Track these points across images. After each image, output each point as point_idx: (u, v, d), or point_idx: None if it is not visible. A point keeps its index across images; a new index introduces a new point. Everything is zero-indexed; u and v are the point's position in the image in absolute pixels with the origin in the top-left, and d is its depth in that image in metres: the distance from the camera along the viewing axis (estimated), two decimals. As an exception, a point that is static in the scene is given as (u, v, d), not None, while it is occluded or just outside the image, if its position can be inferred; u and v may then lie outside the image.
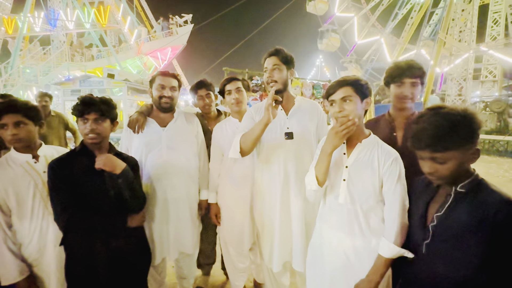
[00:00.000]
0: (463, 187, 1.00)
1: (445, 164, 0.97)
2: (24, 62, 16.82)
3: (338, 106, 1.28)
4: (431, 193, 1.10)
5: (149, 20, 21.85)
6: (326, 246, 1.38)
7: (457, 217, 0.98)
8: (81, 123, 1.44)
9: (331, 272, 1.35)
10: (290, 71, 1.77)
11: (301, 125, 1.77)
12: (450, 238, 0.98)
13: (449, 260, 0.98)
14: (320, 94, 4.23)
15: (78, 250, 1.43)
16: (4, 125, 1.41)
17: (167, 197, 1.86)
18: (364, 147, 1.32)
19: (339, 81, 1.32)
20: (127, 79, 6.86)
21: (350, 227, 1.30)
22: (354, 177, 1.30)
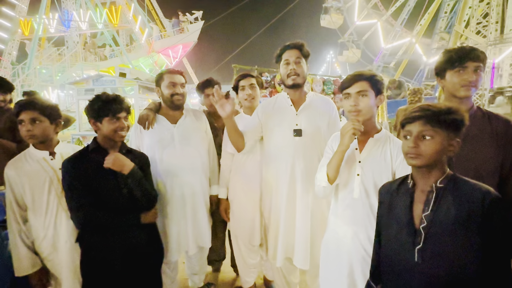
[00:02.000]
0: (441, 183, 0.98)
1: (429, 140, 0.97)
2: (41, 63, 17.33)
3: (353, 100, 1.30)
4: (408, 195, 1.04)
5: (160, 19, 22.06)
6: (343, 241, 1.38)
7: (445, 213, 0.95)
8: (110, 122, 1.46)
9: (349, 267, 1.35)
10: (308, 66, 1.79)
11: (310, 122, 1.74)
12: (444, 235, 0.95)
13: (447, 259, 0.94)
14: (331, 90, 4.16)
15: (94, 246, 1.46)
16: (22, 121, 1.47)
17: (184, 193, 1.88)
18: (376, 141, 1.34)
19: (355, 75, 1.33)
20: (138, 78, 6.96)
21: (365, 221, 1.31)
22: (368, 172, 1.32)
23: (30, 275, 1.48)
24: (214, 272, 2.63)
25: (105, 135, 1.49)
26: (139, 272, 1.54)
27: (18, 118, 1.48)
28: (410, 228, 1.00)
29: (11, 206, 1.47)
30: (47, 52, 18.08)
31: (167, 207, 1.87)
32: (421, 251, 0.97)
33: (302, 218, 1.72)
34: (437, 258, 0.94)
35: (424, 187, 1.02)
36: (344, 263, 1.37)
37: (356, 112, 1.31)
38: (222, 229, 2.42)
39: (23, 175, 1.47)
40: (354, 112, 1.31)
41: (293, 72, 1.71)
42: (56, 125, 1.58)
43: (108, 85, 6.83)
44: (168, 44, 18.85)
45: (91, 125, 1.50)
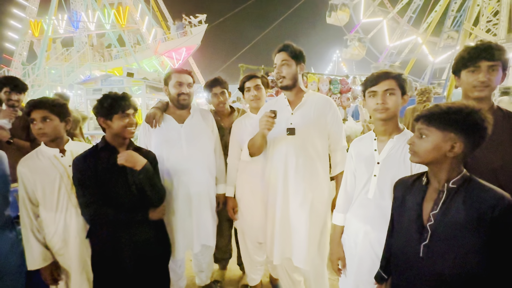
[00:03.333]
0: (454, 183, 0.98)
1: (423, 139, 0.99)
2: (49, 64, 17.62)
3: (380, 98, 1.28)
4: (421, 192, 1.07)
5: (165, 21, 22.24)
6: (354, 239, 1.40)
7: (453, 214, 0.95)
8: (120, 119, 1.50)
9: (358, 264, 1.37)
10: (299, 66, 1.75)
11: (305, 121, 1.73)
12: (449, 235, 0.95)
13: (451, 258, 0.95)
14: (337, 90, 4.14)
15: (104, 242, 1.49)
16: (33, 120, 1.52)
17: (190, 192, 1.90)
18: (396, 143, 1.32)
19: (382, 73, 1.31)
20: (146, 78, 7.03)
21: (377, 222, 1.31)
22: (385, 173, 1.31)
23: (42, 268, 1.52)
24: (221, 270, 2.64)
25: (115, 133, 1.51)
26: (148, 268, 1.57)
27: (29, 117, 1.53)
28: (418, 224, 1.02)
29: (23, 202, 1.51)
30: (56, 53, 18.37)
31: (173, 205, 1.89)
32: (426, 247, 0.99)
33: (296, 217, 1.73)
34: (441, 256, 0.96)
35: (437, 186, 1.02)
36: (354, 260, 1.39)
37: (383, 110, 1.29)
38: (228, 227, 2.44)
39: (35, 172, 1.52)
40: (381, 110, 1.29)
41: (278, 76, 1.74)
42: (66, 123, 1.62)
43: (116, 85, 6.93)
44: (172, 47, 19.02)
45: (100, 123, 1.53)
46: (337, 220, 1.53)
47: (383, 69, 1.36)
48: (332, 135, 1.77)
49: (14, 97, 2.56)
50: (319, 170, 1.74)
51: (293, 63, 1.72)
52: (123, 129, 1.51)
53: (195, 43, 19.19)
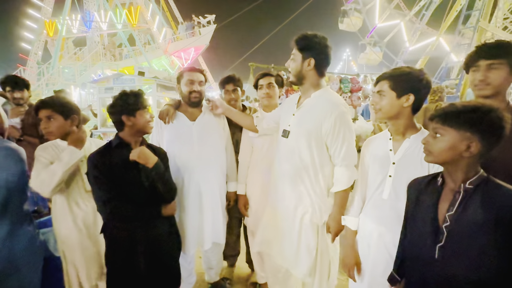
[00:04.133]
0: (471, 184, 0.96)
1: (439, 139, 0.97)
2: (63, 63, 18.04)
3: (372, 100, 1.34)
4: (436, 193, 1.04)
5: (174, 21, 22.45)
6: (368, 240, 1.38)
7: (470, 215, 0.93)
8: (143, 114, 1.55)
9: (372, 266, 1.36)
10: (308, 60, 1.52)
11: (299, 124, 1.61)
12: (466, 237, 0.93)
13: (467, 260, 0.93)
14: (348, 89, 4.09)
15: (119, 237, 1.52)
16: (40, 119, 1.61)
17: (200, 189, 1.93)
18: (413, 143, 1.29)
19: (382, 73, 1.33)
20: (156, 76, 7.12)
21: (392, 223, 1.29)
22: (401, 174, 1.28)
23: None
24: (229, 267, 2.67)
25: (138, 128, 1.55)
26: (161, 263, 1.60)
27: (37, 117, 1.61)
28: (433, 225, 1.01)
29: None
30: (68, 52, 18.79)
31: (184, 202, 1.92)
32: (441, 249, 0.97)
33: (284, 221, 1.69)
34: (457, 257, 0.94)
35: (453, 186, 1.00)
36: (368, 261, 1.38)
37: (376, 111, 1.32)
38: (237, 224, 2.46)
39: (50, 155, 1.60)
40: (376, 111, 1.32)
41: (288, 70, 1.63)
42: (71, 121, 1.67)
43: (127, 84, 7.03)
44: (180, 47, 19.18)
45: (124, 121, 1.52)
46: (350, 224, 1.49)
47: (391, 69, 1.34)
48: (329, 147, 1.56)
49: (17, 95, 2.68)
50: (305, 181, 1.59)
51: (299, 57, 1.54)
52: (147, 124, 1.56)
53: (204, 43, 19.32)
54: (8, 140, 1.49)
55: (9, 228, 1.35)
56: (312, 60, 1.53)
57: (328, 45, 1.54)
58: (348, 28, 21.79)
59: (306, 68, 1.55)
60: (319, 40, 1.52)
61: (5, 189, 1.33)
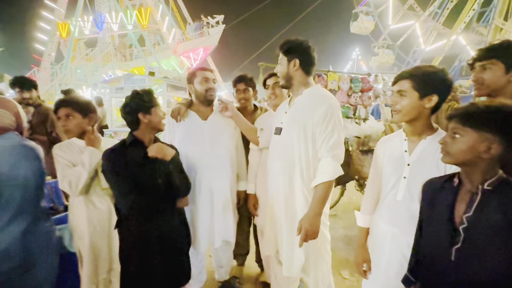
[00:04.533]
0: (489, 185, 0.93)
1: (458, 139, 0.95)
2: (75, 64, 18.43)
3: (391, 99, 1.28)
4: (452, 194, 1.01)
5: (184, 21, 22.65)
6: (381, 242, 1.36)
7: (488, 217, 0.91)
8: (157, 111, 1.60)
9: (386, 267, 1.34)
10: (293, 61, 1.60)
11: (290, 121, 1.64)
12: (483, 239, 0.91)
13: (484, 263, 0.91)
14: (359, 88, 4.03)
15: (132, 233, 1.55)
16: (59, 118, 1.66)
17: (212, 187, 1.95)
18: (429, 144, 1.25)
19: (401, 73, 1.29)
20: (166, 76, 7.20)
21: (406, 224, 1.26)
22: (416, 175, 1.25)
23: None
24: (239, 266, 2.68)
25: (154, 126, 1.59)
26: (173, 258, 1.63)
27: (57, 115, 1.67)
28: (450, 227, 0.98)
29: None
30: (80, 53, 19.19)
31: (196, 200, 1.94)
32: (458, 251, 0.95)
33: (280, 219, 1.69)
34: (474, 259, 0.92)
35: (470, 187, 0.98)
36: (381, 263, 1.36)
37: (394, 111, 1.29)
38: (247, 224, 2.47)
39: (69, 154, 1.65)
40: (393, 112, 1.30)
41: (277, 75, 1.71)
42: (89, 119, 1.72)
43: (138, 84, 7.15)
44: (189, 47, 19.35)
45: (140, 119, 1.55)
46: (361, 222, 1.48)
47: (407, 68, 1.32)
48: (318, 138, 1.55)
49: (25, 95, 2.80)
50: (296, 177, 1.60)
51: (284, 60, 1.62)
52: (160, 121, 1.60)
53: (213, 43, 19.44)
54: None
55: (27, 224, 1.39)
56: (297, 61, 1.60)
57: (310, 46, 1.62)
58: (359, 31, 21.51)
59: (292, 69, 1.62)
60: (301, 41, 1.62)
61: (23, 186, 1.37)
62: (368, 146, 3.45)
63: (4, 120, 1.42)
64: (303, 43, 1.61)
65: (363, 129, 3.48)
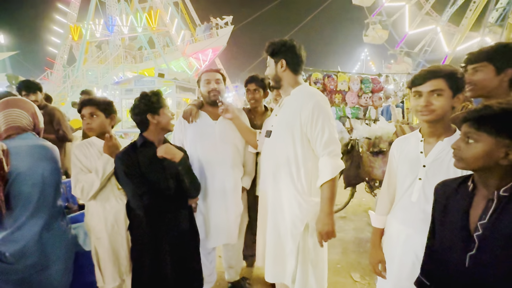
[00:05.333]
0: (506, 191, 0.87)
1: (472, 144, 0.89)
2: (87, 66, 18.81)
3: (424, 100, 1.20)
4: (467, 199, 0.96)
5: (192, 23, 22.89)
6: (395, 242, 1.35)
7: (504, 225, 0.85)
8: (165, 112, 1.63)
9: (398, 268, 1.32)
10: (280, 62, 1.61)
11: (279, 123, 1.65)
12: (498, 247, 0.86)
13: (498, 271, 0.86)
14: (369, 89, 3.99)
15: (145, 234, 1.56)
16: (83, 116, 1.70)
17: (225, 186, 1.97)
18: (446, 146, 1.22)
19: (430, 71, 1.21)
20: (176, 78, 7.29)
21: (420, 225, 1.24)
22: (432, 177, 1.23)
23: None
24: (248, 267, 2.68)
25: (163, 126, 1.62)
26: (184, 257, 1.65)
27: (80, 113, 1.70)
28: (464, 233, 0.94)
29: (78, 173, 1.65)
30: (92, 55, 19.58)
31: (208, 199, 1.96)
32: (473, 257, 0.91)
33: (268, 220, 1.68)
34: (489, 267, 0.89)
35: (485, 193, 0.93)
36: (394, 263, 1.35)
37: (428, 112, 1.20)
38: (255, 225, 2.46)
39: (87, 158, 1.68)
40: (425, 113, 1.21)
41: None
42: (111, 119, 1.76)
43: (147, 85, 7.26)
44: (199, 48, 19.51)
45: (149, 119, 1.58)
46: (376, 223, 1.47)
47: (434, 65, 1.25)
48: (310, 138, 1.55)
49: (31, 98, 2.92)
50: (286, 178, 1.58)
51: (272, 62, 1.64)
52: (169, 121, 1.63)
53: (222, 44, 19.56)
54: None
55: (44, 222, 1.42)
56: (283, 61, 1.61)
57: (294, 45, 1.61)
58: (373, 41, 21.26)
59: (280, 70, 1.63)
60: (284, 42, 1.62)
61: (41, 184, 1.41)
62: (378, 148, 3.40)
63: (22, 121, 1.46)
64: (287, 43, 1.61)
65: (373, 130, 3.43)
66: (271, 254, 1.66)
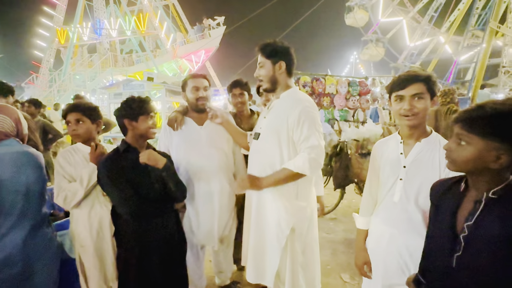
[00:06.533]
0: (495, 193, 0.86)
1: (463, 146, 0.87)
2: (74, 69, 18.48)
3: (408, 103, 1.23)
4: (457, 199, 0.95)
5: (184, 25, 22.80)
6: (379, 242, 1.38)
7: (489, 227, 0.84)
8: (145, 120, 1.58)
9: (384, 268, 1.34)
10: (278, 64, 1.59)
11: (267, 125, 1.66)
12: (483, 250, 0.85)
13: (483, 274, 0.86)
14: (356, 92, 4.08)
15: (133, 238, 1.55)
16: (69, 122, 1.67)
17: (212, 190, 1.96)
18: (424, 146, 1.27)
19: (411, 76, 1.24)
20: (165, 82, 7.23)
21: (403, 225, 1.28)
22: (412, 177, 1.27)
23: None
24: (239, 271, 2.67)
25: (140, 133, 1.58)
26: (169, 263, 1.63)
27: (66, 119, 1.67)
28: (451, 234, 0.93)
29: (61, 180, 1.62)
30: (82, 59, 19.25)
31: (194, 204, 1.95)
32: (459, 258, 0.90)
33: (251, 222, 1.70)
34: (474, 270, 0.88)
35: (475, 194, 0.92)
36: (379, 263, 1.37)
37: (412, 116, 1.24)
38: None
39: (72, 165, 1.65)
40: (409, 117, 1.24)
41: (258, 79, 1.69)
42: (97, 125, 1.74)
43: (136, 89, 7.18)
44: (191, 50, 19.43)
45: (125, 125, 1.57)
46: (360, 224, 1.50)
47: (411, 70, 1.30)
48: (296, 143, 1.56)
49: (1, 101, 2.84)
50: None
51: (268, 63, 1.60)
52: (148, 130, 1.58)
53: (214, 45, 19.51)
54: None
55: (28, 230, 1.39)
56: (283, 63, 1.60)
57: (289, 47, 1.63)
58: (353, 23, 21.74)
59: (278, 72, 1.61)
60: (282, 44, 1.61)
61: (25, 192, 1.38)
62: (367, 149, 3.47)
63: (4, 126, 1.43)
64: (284, 45, 1.61)
65: (361, 132, 3.50)
66: (253, 255, 1.68)
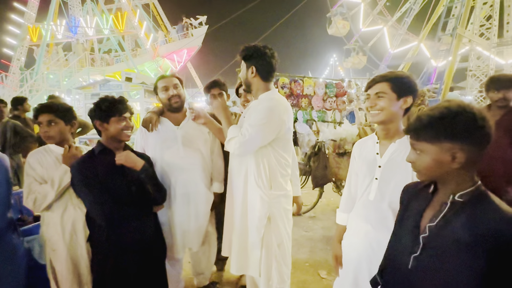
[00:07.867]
0: (461, 197, 0.85)
1: (420, 155, 0.89)
2: (48, 68, 17.64)
3: (370, 101, 1.33)
4: (425, 201, 0.96)
5: (164, 24, 22.39)
6: (354, 239, 1.43)
7: (451, 230, 0.84)
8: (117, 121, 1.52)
9: (357, 263, 1.39)
10: (250, 68, 1.65)
11: (244, 124, 1.71)
12: (441, 253, 0.84)
13: (438, 278, 0.84)
14: (333, 93, 4.19)
15: (108, 242, 1.51)
16: (40, 123, 1.60)
17: (188, 191, 1.96)
18: (398, 147, 1.32)
19: (376, 77, 1.33)
20: (144, 82, 7.09)
21: (377, 222, 1.33)
22: (387, 177, 1.32)
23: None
24: (219, 272, 2.67)
25: (112, 135, 1.54)
26: (148, 269, 1.60)
27: (37, 120, 1.60)
28: (413, 234, 0.93)
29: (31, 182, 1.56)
30: (57, 57, 18.41)
31: (172, 205, 1.94)
32: (416, 260, 0.90)
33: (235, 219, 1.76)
34: (430, 271, 0.87)
35: (442, 196, 0.92)
36: (353, 257, 1.42)
37: (374, 113, 1.33)
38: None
39: (44, 164, 1.59)
40: (371, 114, 1.34)
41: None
42: (71, 126, 1.68)
43: (114, 90, 6.98)
44: (173, 49, 19.09)
45: (96, 126, 1.54)
46: (339, 220, 1.56)
47: (387, 71, 1.38)
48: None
49: None
50: (248, 175, 1.68)
51: (244, 66, 1.69)
52: (120, 132, 1.54)
53: (196, 44, 19.27)
54: None
55: (-8, 237, 1.33)
56: (253, 68, 1.64)
57: (266, 52, 1.63)
58: (336, 33, 22.31)
59: (250, 76, 1.67)
60: (257, 48, 1.63)
61: (-12, 196, 1.32)
62: (344, 149, 3.58)
63: None
64: (259, 49, 1.62)
65: (338, 132, 3.60)
66: (236, 248, 1.72)
